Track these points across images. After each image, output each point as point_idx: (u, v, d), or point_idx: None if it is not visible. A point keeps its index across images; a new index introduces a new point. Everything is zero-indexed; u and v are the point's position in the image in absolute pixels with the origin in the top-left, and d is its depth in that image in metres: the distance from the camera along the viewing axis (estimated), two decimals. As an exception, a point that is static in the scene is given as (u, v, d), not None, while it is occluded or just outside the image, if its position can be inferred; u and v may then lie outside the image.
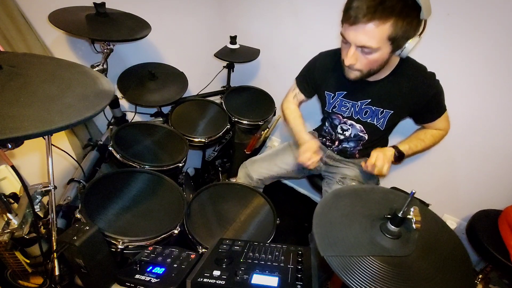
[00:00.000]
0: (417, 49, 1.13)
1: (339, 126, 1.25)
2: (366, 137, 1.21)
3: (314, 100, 1.49)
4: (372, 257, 0.58)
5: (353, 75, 1.00)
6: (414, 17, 0.84)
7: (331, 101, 1.22)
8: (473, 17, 1.09)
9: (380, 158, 1.02)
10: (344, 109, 1.19)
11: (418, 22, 0.86)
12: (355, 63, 0.94)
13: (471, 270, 0.63)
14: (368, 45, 0.87)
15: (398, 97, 1.07)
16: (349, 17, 0.85)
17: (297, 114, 1.35)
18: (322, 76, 1.21)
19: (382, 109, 1.11)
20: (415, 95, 1.05)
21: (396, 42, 0.87)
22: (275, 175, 1.42)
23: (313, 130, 1.49)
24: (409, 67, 1.05)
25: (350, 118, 1.19)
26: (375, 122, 1.15)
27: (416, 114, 1.15)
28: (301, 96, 1.36)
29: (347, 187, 1.06)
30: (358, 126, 1.20)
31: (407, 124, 1.26)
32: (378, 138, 1.23)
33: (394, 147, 1.10)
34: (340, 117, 1.22)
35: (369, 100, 1.12)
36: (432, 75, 1.05)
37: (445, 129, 1.19)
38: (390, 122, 1.13)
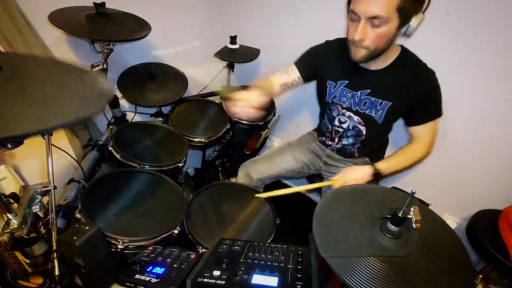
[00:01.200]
0: (417, 48, 1.13)
1: (337, 118, 1.24)
2: (364, 131, 1.20)
3: (315, 100, 1.49)
4: (372, 257, 0.58)
5: (360, 53, 1.00)
6: None
7: (331, 91, 1.21)
8: (473, 16, 1.09)
9: (347, 179, 1.06)
10: (344, 99, 1.18)
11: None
12: (365, 38, 0.95)
13: (471, 270, 0.63)
14: (378, 14, 0.88)
15: (397, 88, 1.07)
16: None
17: (262, 82, 1.19)
18: (327, 62, 1.20)
19: (381, 100, 1.11)
20: (413, 88, 1.05)
21: (404, 13, 0.89)
22: (274, 174, 1.42)
23: (312, 130, 1.49)
24: (410, 60, 1.07)
25: (349, 109, 1.19)
26: (373, 114, 1.14)
27: (411, 110, 1.11)
28: (294, 76, 1.24)
29: (347, 187, 1.06)
30: (356, 118, 1.19)
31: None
32: (376, 135, 1.22)
33: (371, 165, 1.10)
34: (339, 108, 1.21)
35: (369, 90, 1.12)
36: (432, 72, 1.06)
37: (428, 144, 1.14)
38: (388, 115, 1.12)
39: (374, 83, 1.10)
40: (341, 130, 1.26)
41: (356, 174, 1.09)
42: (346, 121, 1.23)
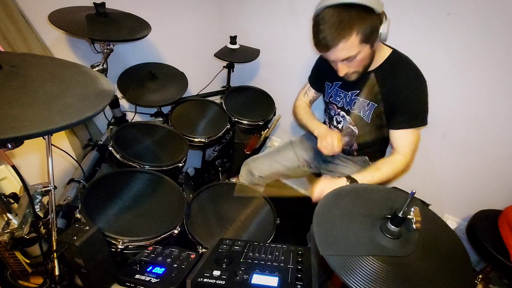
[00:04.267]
0: (417, 48, 1.13)
1: (334, 118, 1.29)
2: (356, 131, 1.22)
3: (318, 101, 1.49)
4: (372, 257, 0.58)
5: (352, 77, 1.08)
6: (372, 15, 0.90)
7: (328, 91, 1.27)
8: (473, 16, 1.09)
9: (323, 189, 1.03)
10: (338, 99, 1.23)
11: (377, 15, 0.91)
12: (348, 70, 1.03)
13: (471, 270, 0.63)
14: (348, 56, 0.95)
15: (382, 91, 1.08)
16: (321, 48, 0.96)
17: (308, 110, 1.40)
18: (326, 68, 1.24)
19: (368, 101, 1.13)
20: (396, 91, 1.05)
21: (370, 39, 0.94)
22: (276, 172, 1.43)
23: None
24: (398, 64, 1.06)
25: (342, 109, 1.23)
26: (361, 114, 1.17)
27: (393, 113, 1.09)
28: (311, 92, 1.40)
29: (347, 186, 1.06)
30: (348, 118, 1.22)
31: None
32: (370, 135, 1.21)
33: (347, 176, 1.08)
34: (335, 107, 1.26)
35: (358, 91, 1.15)
36: (419, 78, 1.04)
37: (406, 155, 1.09)
38: (375, 115, 1.13)
39: (363, 84, 1.13)
40: (336, 130, 1.28)
41: (331, 188, 1.07)
42: (341, 121, 1.26)
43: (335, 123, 1.29)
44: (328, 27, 0.90)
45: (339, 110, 1.25)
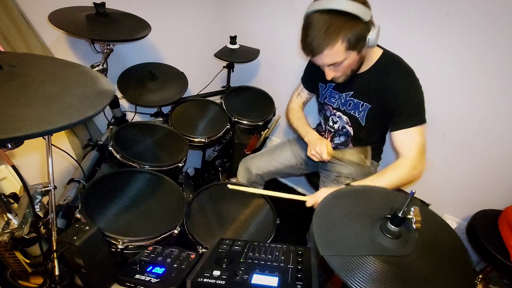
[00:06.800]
0: (416, 48, 1.13)
1: (330, 118, 1.29)
2: (352, 132, 1.23)
3: (314, 101, 1.49)
4: (372, 256, 0.58)
5: (340, 80, 1.08)
6: (359, 23, 0.89)
7: (323, 92, 1.27)
8: (473, 16, 1.09)
9: (318, 199, 1.04)
10: (333, 100, 1.24)
11: (364, 23, 0.90)
12: (335, 74, 1.04)
13: (471, 270, 0.63)
14: (334, 62, 0.96)
15: (375, 91, 1.09)
16: (307, 53, 0.97)
17: (300, 114, 1.39)
18: (319, 69, 1.22)
19: (362, 102, 1.14)
20: (389, 92, 1.04)
21: (356, 46, 0.93)
22: (273, 170, 1.44)
23: (312, 128, 1.50)
24: (389, 64, 1.06)
25: (338, 109, 1.23)
26: (356, 115, 1.17)
27: (390, 114, 1.08)
28: (305, 94, 1.40)
29: (347, 187, 1.06)
30: (344, 118, 1.23)
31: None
32: (365, 136, 1.22)
33: (346, 184, 1.07)
34: (330, 108, 1.26)
35: (352, 92, 1.16)
36: (410, 76, 1.03)
37: (411, 159, 1.03)
38: (369, 116, 1.14)
39: (356, 85, 1.13)
40: (332, 130, 1.30)
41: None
42: (337, 121, 1.26)
43: (331, 123, 1.29)
44: (315, 33, 0.90)
45: (334, 110, 1.25)
